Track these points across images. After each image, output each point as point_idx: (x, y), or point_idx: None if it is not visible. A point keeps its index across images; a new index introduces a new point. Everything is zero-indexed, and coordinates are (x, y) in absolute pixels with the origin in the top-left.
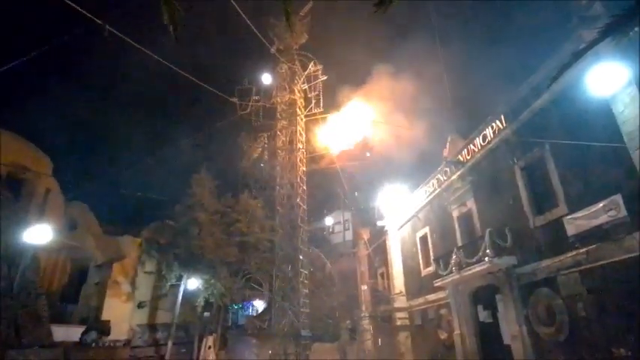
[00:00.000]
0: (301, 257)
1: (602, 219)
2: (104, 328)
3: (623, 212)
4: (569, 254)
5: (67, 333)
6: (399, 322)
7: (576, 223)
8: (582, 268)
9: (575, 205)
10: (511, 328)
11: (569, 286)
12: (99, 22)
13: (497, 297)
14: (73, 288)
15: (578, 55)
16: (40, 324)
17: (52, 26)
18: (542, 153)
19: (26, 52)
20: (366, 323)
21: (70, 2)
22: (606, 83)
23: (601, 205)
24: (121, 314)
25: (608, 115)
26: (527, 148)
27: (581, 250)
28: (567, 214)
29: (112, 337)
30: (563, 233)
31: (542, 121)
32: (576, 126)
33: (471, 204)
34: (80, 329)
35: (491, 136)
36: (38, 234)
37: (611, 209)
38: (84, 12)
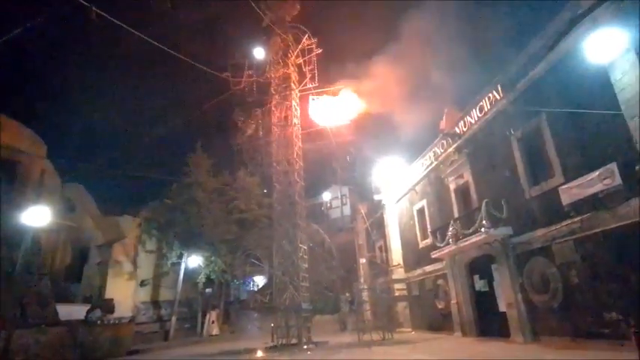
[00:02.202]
0: (300, 233)
1: (597, 187)
2: (108, 306)
3: (618, 180)
4: (564, 223)
5: (72, 312)
6: (397, 293)
7: (571, 192)
8: (577, 236)
9: (571, 175)
10: (507, 296)
11: (564, 254)
12: (86, 4)
13: (493, 266)
14: (76, 268)
15: (576, 21)
16: (45, 304)
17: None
18: (538, 123)
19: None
20: (365, 295)
21: None
22: (604, 50)
23: (596, 173)
24: (124, 292)
25: (605, 82)
26: (523, 118)
27: (576, 219)
28: (563, 184)
29: (116, 314)
30: (559, 203)
31: (539, 90)
32: (573, 94)
33: (467, 176)
34: (85, 308)
35: (488, 107)
36: (36, 216)
37: (606, 177)
38: None
